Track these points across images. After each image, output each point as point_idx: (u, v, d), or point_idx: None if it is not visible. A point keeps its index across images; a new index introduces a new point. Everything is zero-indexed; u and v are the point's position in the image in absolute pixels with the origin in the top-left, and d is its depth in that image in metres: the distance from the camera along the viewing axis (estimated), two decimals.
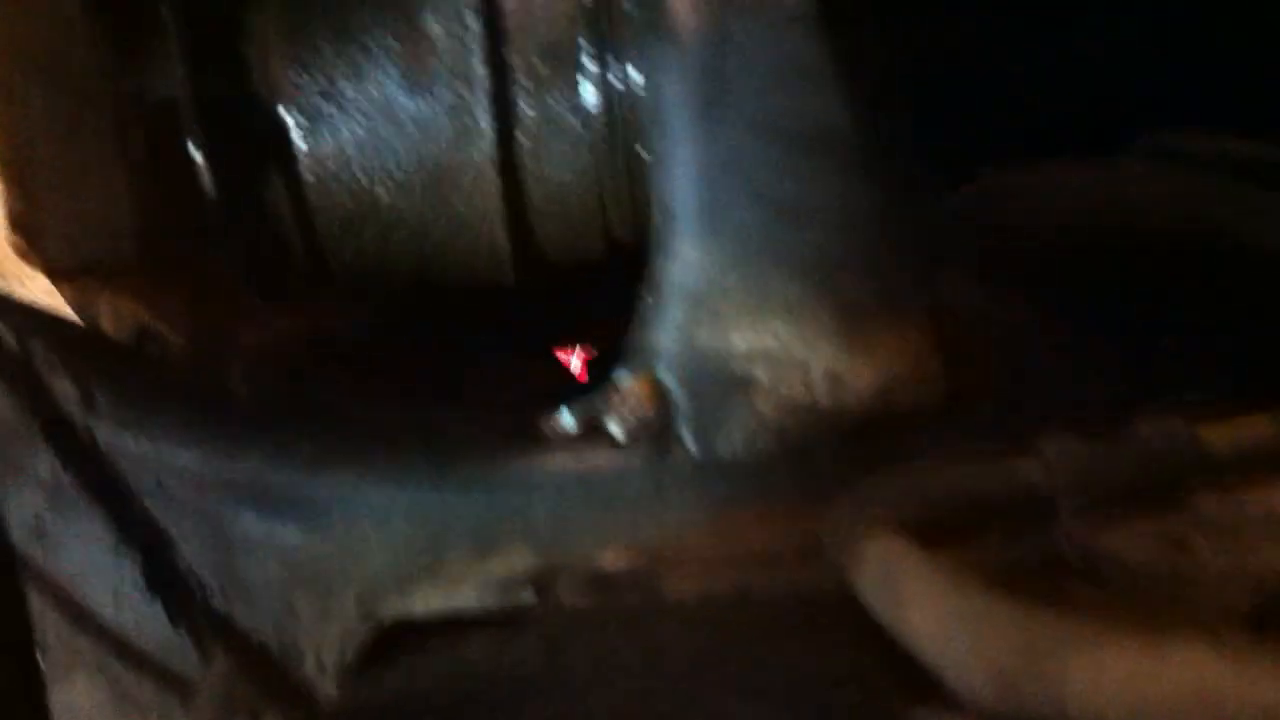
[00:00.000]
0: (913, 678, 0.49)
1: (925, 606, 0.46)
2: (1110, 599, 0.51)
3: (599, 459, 0.64)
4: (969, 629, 0.43)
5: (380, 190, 0.68)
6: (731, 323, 0.61)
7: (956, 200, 0.90)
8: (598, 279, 0.76)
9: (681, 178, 0.63)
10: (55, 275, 0.63)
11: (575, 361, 0.89)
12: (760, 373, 0.61)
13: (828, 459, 0.62)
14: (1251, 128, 0.89)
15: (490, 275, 0.72)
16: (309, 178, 0.68)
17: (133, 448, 0.57)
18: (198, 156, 0.66)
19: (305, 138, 0.68)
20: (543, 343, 0.97)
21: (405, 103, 0.68)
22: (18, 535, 0.56)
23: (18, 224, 0.61)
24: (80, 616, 0.56)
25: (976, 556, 0.54)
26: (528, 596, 0.61)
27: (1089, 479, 0.57)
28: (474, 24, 0.67)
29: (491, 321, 0.88)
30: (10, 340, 0.56)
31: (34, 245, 0.62)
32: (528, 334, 0.93)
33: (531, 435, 0.65)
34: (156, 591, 0.57)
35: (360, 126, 0.68)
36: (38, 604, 0.56)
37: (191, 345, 0.67)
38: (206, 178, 0.66)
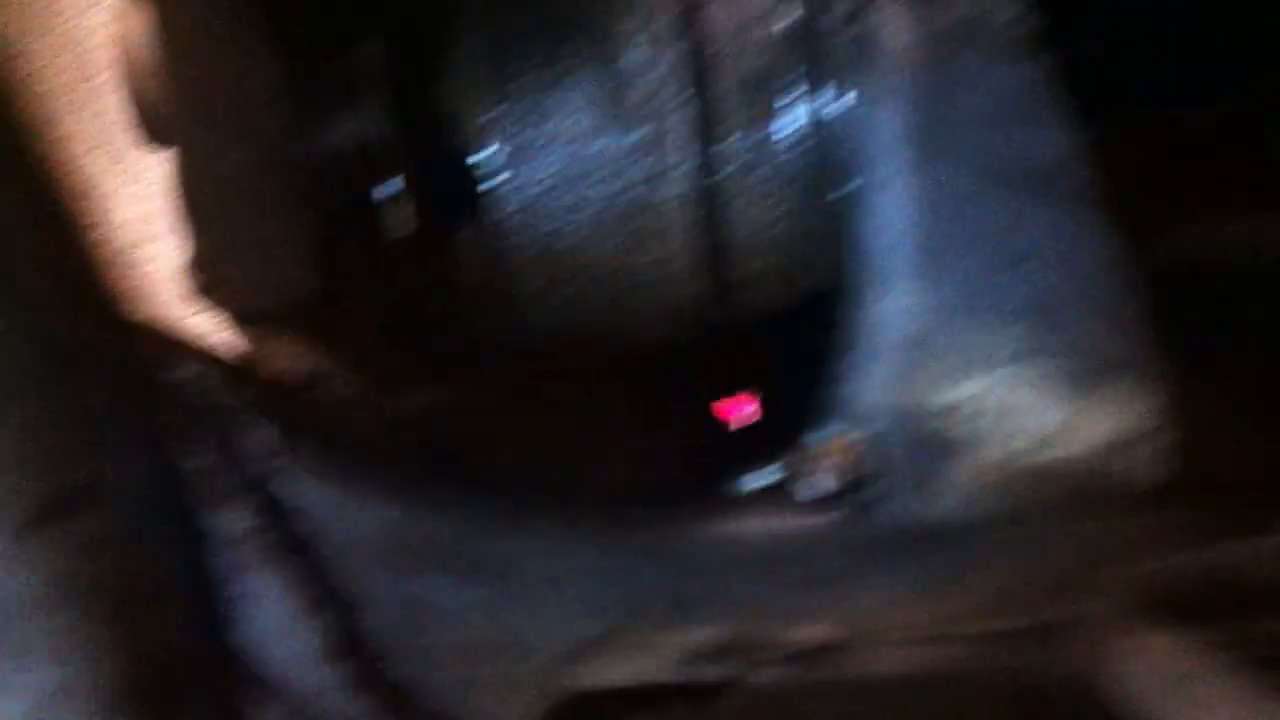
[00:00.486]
0: None
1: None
2: None
3: (797, 523, 0.60)
4: None
5: (577, 228, 0.66)
6: (948, 374, 0.57)
7: None
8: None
9: (895, 218, 0.59)
10: (232, 317, 0.62)
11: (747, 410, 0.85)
12: (980, 428, 0.56)
13: (1053, 525, 0.57)
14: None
15: (684, 317, 0.69)
16: (506, 216, 0.66)
17: (326, 508, 0.55)
18: (397, 200, 0.64)
19: (503, 176, 0.66)
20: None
21: (603, 139, 0.65)
22: None
23: (197, 266, 0.60)
24: (263, 681, 0.54)
25: (1228, 645, 0.50)
26: (719, 670, 0.57)
27: None
28: (672, 58, 0.64)
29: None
30: (207, 397, 0.53)
31: (212, 287, 0.60)
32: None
33: (723, 496, 0.62)
34: (340, 658, 0.54)
35: (558, 164, 0.65)
36: None
37: (363, 393, 0.65)
38: (405, 221, 0.64)
